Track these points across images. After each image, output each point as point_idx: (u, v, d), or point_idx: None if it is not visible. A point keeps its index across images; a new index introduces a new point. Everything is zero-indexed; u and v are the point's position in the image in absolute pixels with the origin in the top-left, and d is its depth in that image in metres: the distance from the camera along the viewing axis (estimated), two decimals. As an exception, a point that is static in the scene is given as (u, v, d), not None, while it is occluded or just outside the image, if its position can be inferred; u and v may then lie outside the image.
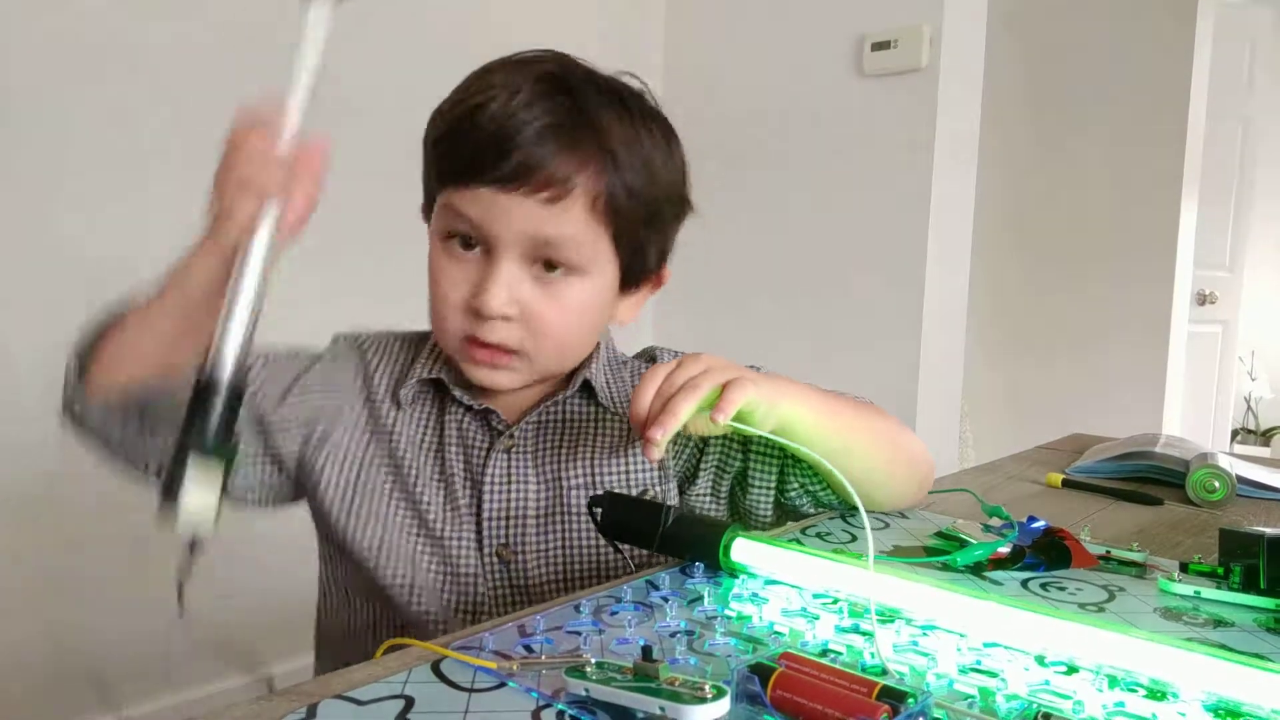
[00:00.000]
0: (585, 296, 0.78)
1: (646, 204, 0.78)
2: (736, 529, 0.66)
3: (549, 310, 0.76)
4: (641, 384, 0.69)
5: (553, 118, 0.72)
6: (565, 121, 0.73)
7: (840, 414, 0.77)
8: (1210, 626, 0.60)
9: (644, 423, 0.67)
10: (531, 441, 0.83)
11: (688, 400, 0.66)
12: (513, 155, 0.71)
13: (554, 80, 0.74)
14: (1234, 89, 3.32)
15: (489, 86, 0.74)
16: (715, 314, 2.45)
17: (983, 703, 0.47)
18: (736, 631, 0.56)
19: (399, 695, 0.47)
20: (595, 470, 0.82)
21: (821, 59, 2.22)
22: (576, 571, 0.80)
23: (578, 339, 0.81)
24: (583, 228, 0.75)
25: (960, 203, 2.16)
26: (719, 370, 0.69)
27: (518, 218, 0.73)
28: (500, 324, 0.75)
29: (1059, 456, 1.26)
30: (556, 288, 0.76)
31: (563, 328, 0.78)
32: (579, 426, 0.84)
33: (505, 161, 0.71)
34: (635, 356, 0.93)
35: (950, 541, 0.77)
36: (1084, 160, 3.06)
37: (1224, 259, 3.48)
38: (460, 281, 0.76)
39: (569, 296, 0.77)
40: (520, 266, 0.75)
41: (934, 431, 2.13)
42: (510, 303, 0.75)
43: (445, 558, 0.80)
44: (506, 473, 0.81)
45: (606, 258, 0.78)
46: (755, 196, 2.35)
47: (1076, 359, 3.08)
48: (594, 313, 0.80)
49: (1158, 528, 0.89)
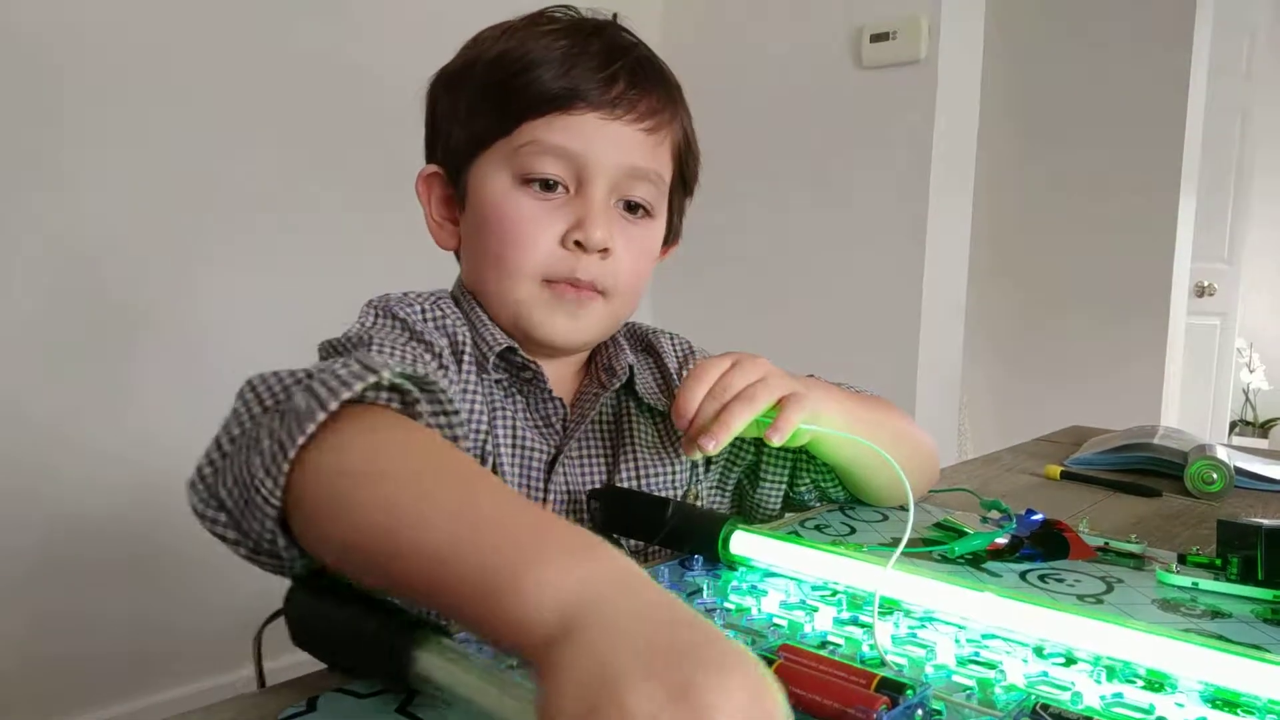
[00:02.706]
0: (653, 241, 0.78)
1: (691, 166, 0.80)
2: (735, 522, 0.66)
3: (631, 251, 0.75)
4: (691, 381, 0.67)
5: (641, 50, 0.73)
6: (652, 55, 0.74)
7: (869, 420, 0.77)
8: (1208, 618, 0.60)
9: (690, 422, 0.66)
10: (577, 450, 0.78)
11: (744, 414, 0.65)
12: (619, 80, 0.70)
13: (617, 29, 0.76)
14: (1233, 80, 3.32)
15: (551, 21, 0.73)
16: (714, 304, 2.45)
17: (981, 694, 0.47)
18: (735, 624, 0.56)
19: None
20: (640, 472, 0.79)
21: (820, 51, 2.22)
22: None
23: (643, 286, 0.80)
24: (667, 166, 0.76)
25: (959, 194, 2.16)
26: (775, 381, 0.68)
27: (621, 146, 0.71)
28: (597, 260, 0.72)
29: (1057, 448, 1.26)
30: (636, 229, 0.75)
31: (639, 272, 0.77)
32: (617, 428, 0.81)
33: (614, 85, 0.70)
34: (625, 337, 0.87)
35: (949, 533, 0.78)
36: (1082, 151, 3.05)
37: (1222, 251, 3.48)
38: (549, 222, 0.71)
39: (644, 239, 0.76)
40: (610, 203, 0.73)
41: (933, 423, 2.13)
42: (609, 236, 0.72)
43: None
44: (565, 482, 0.77)
45: (665, 206, 0.78)
46: (754, 187, 2.35)
47: (1074, 352, 3.08)
48: (653, 262, 0.80)
49: (1156, 519, 0.89)
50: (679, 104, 0.77)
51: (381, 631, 0.43)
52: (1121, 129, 2.99)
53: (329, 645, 0.47)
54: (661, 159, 0.75)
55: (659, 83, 0.74)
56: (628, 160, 0.72)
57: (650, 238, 0.77)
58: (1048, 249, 3.14)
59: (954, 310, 2.21)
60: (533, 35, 0.73)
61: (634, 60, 0.72)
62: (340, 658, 0.46)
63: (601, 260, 0.73)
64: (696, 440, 0.65)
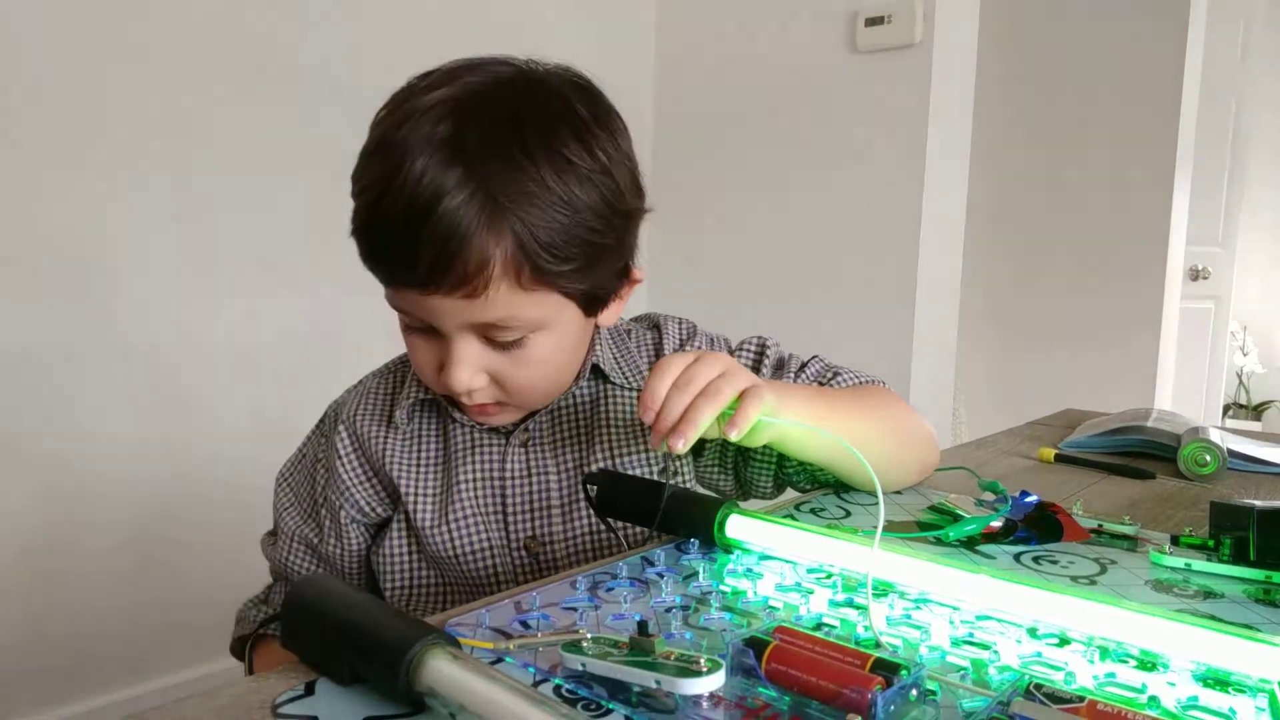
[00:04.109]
0: (550, 347, 0.74)
1: (581, 245, 0.70)
2: (731, 506, 0.67)
3: (518, 372, 0.74)
4: (655, 376, 0.67)
5: (454, 196, 0.65)
6: (464, 198, 0.65)
7: (839, 411, 0.78)
8: (1200, 598, 0.61)
9: (656, 416, 0.66)
10: (548, 431, 0.82)
11: (709, 410, 0.65)
12: (419, 260, 0.66)
13: (449, 142, 0.66)
14: (1228, 63, 3.31)
15: (388, 171, 0.66)
16: (709, 289, 2.45)
17: (975, 674, 0.47)
18: (731, 606, 0.56)
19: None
20: (615, 453, 0.82)
21: (815, 34, 2.21)
22: (605, 557, 0.80)
23: (559, 376, 0.79)
24: (521, 302, 0.69)
25: (954, 177, 2.16)
26: (736, 376, 0.68)
27: (449, 314, 0.69)
28: (476, 391, 0.74)
29: (1052, 432, 1.27)
30: (519, 352, 0.73)
31: (538, 379, 0.75)
32: (593, 409, 0.83)
33: (415, 269, 0.66)
34: (634, 320, 0.92)
35: (943, 516, 0.78)
36: (1077, 136, 3.05)
37: (1217, 234, 3.48)
38: (428, 355, 0.74)
39: (535, 355, 0.73)
40: (476, 341, 0.72)
41: (928, 407, 2.14)
42: (476, 374, 0.72)
43: (474, 558, 0.80)
44: (526, 466, 0.81)
45: (562, 308, 0.73)
46: (749, 172, 2.34)
47: (1069, 335, 3.09)
48: (567, 352, 0.77)
49: (1149, 501, 0.90)
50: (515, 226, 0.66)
51: (387, 639, 0.43)
52: (1117, 112, 2.98)
53: (328, 652, 0.46)
54: (505, 304, 0.69)
55: (474, 232, 0.65)
56: (465, 320, 0.70)
57: (544, 348, 0.73)
58: (1042, 233, 3.14)
59: (949, 295, 2.21)
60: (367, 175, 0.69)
61: (437, 227, 0.65)
62: (340, 667, 0.46)
63: (482, 390, 0.74)
64: (667, 440, 0.66)
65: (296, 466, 0.90)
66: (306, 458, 0.89)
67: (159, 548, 1.78)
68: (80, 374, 1.67)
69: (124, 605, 1.75)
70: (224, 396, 1.84)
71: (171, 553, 1.80)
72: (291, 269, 1.90)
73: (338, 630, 0.45)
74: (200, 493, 1.81)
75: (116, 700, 1.74)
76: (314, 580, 0.50)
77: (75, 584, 1.69)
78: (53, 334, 1.63)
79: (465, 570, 0.80)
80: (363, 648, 0.44)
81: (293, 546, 0.87)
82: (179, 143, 1.73)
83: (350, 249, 0.71)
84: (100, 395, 1.69)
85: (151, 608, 1.78)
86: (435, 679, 0.41)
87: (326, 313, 1.94)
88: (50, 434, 1.65)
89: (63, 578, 1.68)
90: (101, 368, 1.69)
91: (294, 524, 0.87)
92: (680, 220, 2.42)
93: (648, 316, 0.93)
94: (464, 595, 0.81)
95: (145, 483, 1.76)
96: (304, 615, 0.48)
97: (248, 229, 1.84)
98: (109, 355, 1.69)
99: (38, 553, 1.65)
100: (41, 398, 1.63)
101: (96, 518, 1.71)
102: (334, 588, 0.49)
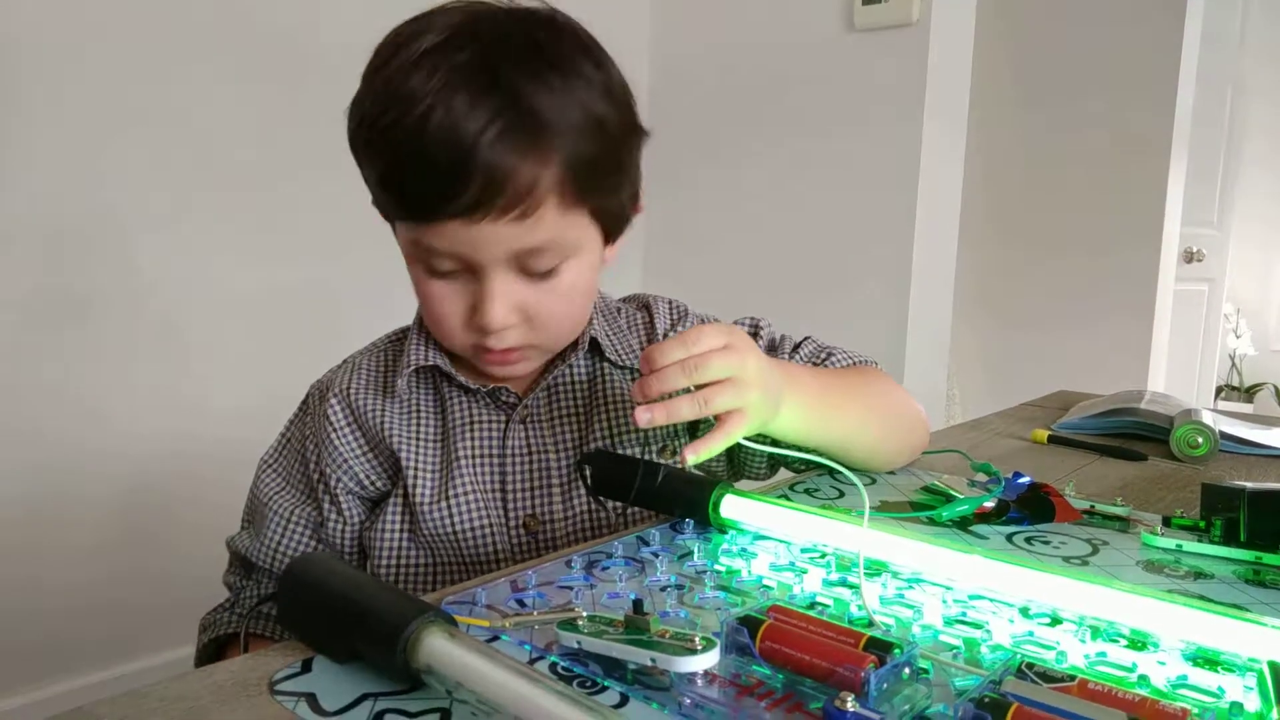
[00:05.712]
0: (580, 275, 0.75)
1: (609, 163, 0.72)
2: (726, 487, 0.67)
3: (551, 304, 0.74)
4: (676, 341, 0.66)
5: (498, 119, 0.64)
6: (510, 119, 0.65)
7: (834, 404, 0.78)
8: (1191, 578, 0.61)
9: (649, 378, 0.65)
10: (545, 409, 0.82)
11: (689, 414, 0.65)
12: (473, 182, 0.65)
13: (479, 67, 0.65)
14: (1225, 47, 3.30)
15: (414, 95, 0.65)
16: (704, 269, 2.45)
17: (967, 653, 0.48)
18: (725, 585, 0.57)
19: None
20: (614, 431, 0.82)
21: (812, 13, 2.19)
22: (602, 536, 0.80)
23: (583, 312, 0.80)
24: (562, 224, 0.70)
25: (950, 158, 2.16)
26: (740, 387, 0.66)
27: (494, 242, 0.68)
28: (507, 332, 0.73)
29: (1045, 413, 1.27)
30: (552, 281, 0.73)
31: (567, 312, 0.76)
32: (590, 387, 0.83)
33: (466, 191, 0.65)
34: (623, 300, 0.92)
35: (936, 496, 0.78)
36: (1074, 116, 3.04)
37: (1212, 217, 3.48)
38: (454, 303, 0.73)
39: (566, 283, 0.74)
40: (511, 275, 0.72)
41: (921, 389, 2.14)
42: (511, 311, 0.72)
43: (472, 536, 0.79)
44: (526, 444, 0.81)
45: (590, 232, 0.74)
46: (745, 152, 2.33)
47: (1063, 316, 3.09)
48: (592, 283, 0.78)
49: (1141, 483, 0.90)
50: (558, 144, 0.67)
51: (385, 617, 0.43)
52: (1114, 94, 2.97)
53: (325, 630, 0.47)
54: (550, 226, 0.69)
55: (521, 149, 0.65)
56: (509, 249, 0.69)
57: (575, 276, 0.74)
58: (1038, 213, 3.13)
59: (944, 276, 2.21)
60: (389, 104, 0.66)
61: (488, 146, 0.64)
62: (337, 644, 0.46)
63: (513, 330, 0.74)
64: (635, 407, 0.65)
65: (282, 452, 0.87)
66: (292, 441, 0.87)
67: (148, 522, 1.78)
68: (68, 343, 1.66)
69: (111, 581, 1.75)
70: (217, 369, 1.84)
71: (161, 527, 1.80)
72: (281, 250, 1.89)
73: (335, 608, 0.46)
74: (191, 470, 1.81)
75: (106, 678, 1.74)
76: (311, 558, 0.50)
77: (60, 560, 1.69)
78: (32, 305, 1.62)
79: (462, 549, 0.80)
80: (360, 625, 0.44)
81: (288, 529, 0.84)
82: (184, 115, 1.72)
83: (341, 229, 0.70)
84: (87, 364, 1.69)
85: (140, 585, 1.78)
86: (432, 656, 0.41)
87: (321, 285, 1.93)
88: (39, 408, 1.64)
89: (47, 552, 1.68)
90: (89, 338, 1.68)
91: (288, 506, 0.84)
92: (674, 200, 2.41)
93: (636, 297, 0.92)
94: (454, 578, 0.81)
95: (134, 458, 1.75)
96: (301, 593, 0.48)
97: (247, 212, 1.83)
98: (98, 325, 1.69)
99: (19, 525, 1.64)
100: (23, 370, 1.63)
101: (85, 492, 1.70)
102: (332, 565, 0.49)
